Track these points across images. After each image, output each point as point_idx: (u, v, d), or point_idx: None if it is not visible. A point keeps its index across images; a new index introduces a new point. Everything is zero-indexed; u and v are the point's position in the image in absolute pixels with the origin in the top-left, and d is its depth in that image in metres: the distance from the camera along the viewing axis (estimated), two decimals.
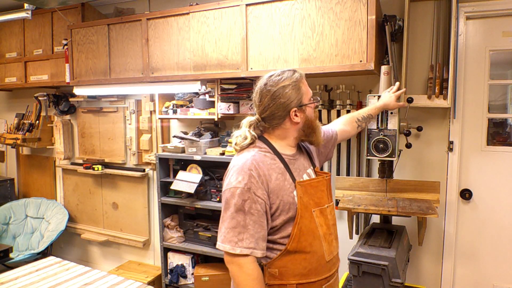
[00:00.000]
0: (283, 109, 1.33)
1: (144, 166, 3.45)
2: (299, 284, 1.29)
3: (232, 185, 1.25)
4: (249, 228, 1.22)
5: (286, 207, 1.28)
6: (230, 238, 1.22)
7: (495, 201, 2.36)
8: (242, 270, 1.22)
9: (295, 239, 1.27)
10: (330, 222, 1.38)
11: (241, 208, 1.23)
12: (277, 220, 1.29)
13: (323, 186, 1.40)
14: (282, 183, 1.29)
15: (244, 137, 1.38)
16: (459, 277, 2.48)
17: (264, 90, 1.36)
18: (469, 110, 2.38)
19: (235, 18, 2.42)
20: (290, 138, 1.39)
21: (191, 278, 3.00)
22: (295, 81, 1.34)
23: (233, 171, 1.29)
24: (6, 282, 2.05)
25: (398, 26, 2.29)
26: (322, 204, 1.36)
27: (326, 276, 1.34)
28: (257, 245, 1.23)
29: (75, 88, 3.16)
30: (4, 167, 4.49)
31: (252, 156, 1.29)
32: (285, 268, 1.28)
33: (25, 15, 2.94)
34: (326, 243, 1.33)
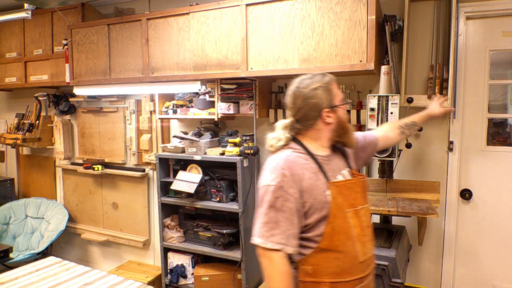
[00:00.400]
0: (315, 110, 1.38)
1: (144, 166, 3.45)
2: (333, 283, 1.32)
3: (266, 183, 1.32)
4: (281, 224, 1.27)
5: (319, 206, 1.32)
6: (263, 233, 1.29)
7: (495, 201, 2.36)
8: (271, 264, 1.28)
9: (327, 238, 1.31)
10: (364, 224, 1.40)
11: (274, 205, 1.28)
12: (310, 218, 1.32)
13: (358, 188, 1.43)
14: (315, 182, 1.33)
15: (278, 139, 1.43)
16: (459, 277, 2.48)
17: (297, 92, 1.40)
18: (469, 110, 2.38)
19: (235, 18, 2.42)
20: (323, 139, 1.43)
21: (191, 278, 3.00)
22: (326, 83, 1.40)
23: (268, 170, 1.35)
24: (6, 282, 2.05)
25: (398, 26, 2.29)
26: (357, 206, 1.39)
27: (359, 277, 1.37)
28: (288, 241, 1.28)
29: (75, 88, 3.16)
30: (4, 167, 4.49)
31: (286, 156, 1.35)
32: (318, 266, 1.32)
33: (25, 15, 2.94)
34: (359, 244, 1.36)
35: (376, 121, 2.13)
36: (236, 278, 2.83)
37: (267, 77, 2.56)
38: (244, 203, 2.69)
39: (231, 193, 2.84)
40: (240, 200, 2.69)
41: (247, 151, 2.64)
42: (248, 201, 2.74)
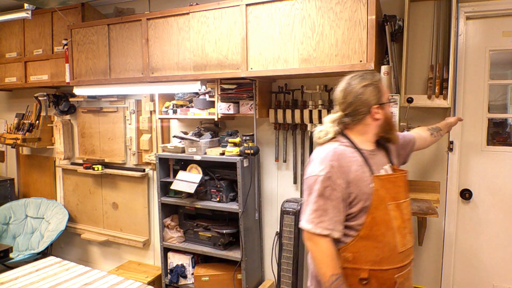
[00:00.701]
0: (365, 105, 1.47)
1: (144, 166, 3.45)
2: (372, 270, 1.40)
3: (315, 173, 1.42)
4: (329, 212, 1.38)
5: (364, 197, 1.41)
6: (312, 219, 1.39)
7: (495, 201, 2.36)
8: (318, 247, 1.38)
9: (367, 227, 1.40)
10: (405, 217, 1.48)
11: (322, 193, 1.38)
12: (354, 208, 1.42)
13: (400, 182, 1.51)
14: (361, 174, 1.42)
15: (326, 132, 1.52)
16: (459, 277, 2.48)
17: (348, 89, 1.50)
18: (469, 110, 2.38)
19: (235, 18, 2.42)
20: (369, 134, 1.52)
21: (191, 278, 3.00)
22: (376, 81, 1.50)
23: (316, 161, 1.44)
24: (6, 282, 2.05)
25: (398, 26, 2.29)
26: (399, 199, 1.47)
27: (398, 266, 1.43)
28: (335, 227, 1.39)
29: (75, 88, 3.15)
30: (4, 167, 4.49)
31: (334, 148, 1.44)
32: (358, 253, 1.41)
33: (25, 15, 2.94)
34: (399, 235, 1.43)
35: None
36: (236, 278, 2.83)
37: (267, 77, 2.56)
38: (244, 203, 2.69)
39: (231, 193, 2.84)
40: (240, 200, 2.69)
41: (247, 151, 2.64)
42: (248, 201, 2.74)
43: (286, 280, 2.64)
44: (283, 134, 2.83)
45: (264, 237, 3.04)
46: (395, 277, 1.42)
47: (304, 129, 2.74)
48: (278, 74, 2.35)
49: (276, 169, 2.95)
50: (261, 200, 2.99)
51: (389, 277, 1.42)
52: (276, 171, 2.95)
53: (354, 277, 1.41)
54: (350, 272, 1.41)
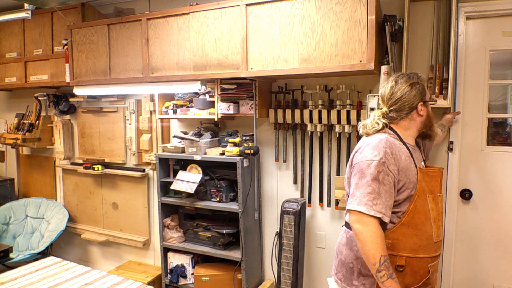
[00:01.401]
0: (412, 102, 1.58)
1: (144, 166, 3.45)
2: (409, 258, 1.47)
3: (369, 158, 1.48)
4: (382, 196, 1.44)
5: (411, 185, 1.50)
6: (366, 201, 1.43)
7: (495, 201, 2.36)
8: (368, 228, 1.41)
9: (410, 214, 1.48)
10: (440, 210, 1.58)
11: (376, 178, 1.44)
12: (401, 195, 1.50)
13: (438, 177, 1.62)
14: (409, 164, 1.52)
15: (376, 123, 1.61)
16: (459, 277, 2.48)
17: (397, 86, 1.60)
18: (469, 110, 2.38)
19: (235, 18, 2.42)
20: (413, 129, 1.63)
21: (191, 278, 3.00)
22: (422, 81, 1.62)
23: (369, 147, 1.51)
24: (6, 282, 2.05)
25: (398, 26, 2.29)
26: (435, 193, 1.57)
27: (432, 255, 1.52)
28: (386, 212, 1.44)
29: (75, 88, 3.15)
30: (4, 167, 4.49)
31: (386, 137, 1.53)
32: (397, 240, 1.48)
33: (25, 15, 2.94)
34: (435, 226, 1.52)
35: None
36: (236, 278, 2.83)
37: (267, 77, 2.56)
38: (244, 203, 2.69)
39: (231, 193, 2.84)
40: (240, 200, 2.69)
41: (247, 151, 2.64)
42: (248, 201, 2.74)
43: (286, 280, 2.64)
44: (283, 134, 2.83)
45: (264, 237, 3.04)
46: (429, 266, 1.49)
47: (304, 129, 2.74)
48: (278, 74, 2.35)
49: (276, 169, 2.95)
50: (261, 200, 2.99)
51: (423, 265, 1.48)
52: (276, 171, 2.95)
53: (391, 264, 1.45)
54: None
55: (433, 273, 1.52)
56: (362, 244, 1.42)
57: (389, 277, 1.38)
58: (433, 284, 1.55)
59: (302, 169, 2.81)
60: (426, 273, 1.49)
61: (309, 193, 2.80)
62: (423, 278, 1.48)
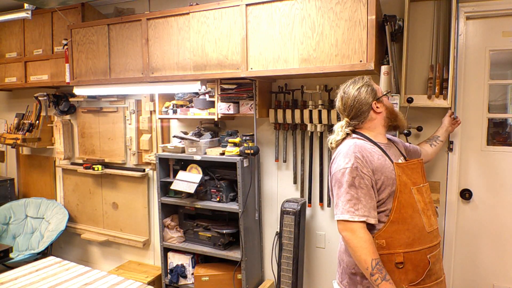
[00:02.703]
0: (365, 104, 1.64)
1: (144, 166, 3.45)
2: (406, 253, 1.49)
3: (342, 167, 1.53)
4: (362, 199, 1.47)
5: (390, 182, 1.52)
6: (348, 209, 1.47)
7: (495, 201, 2.36)
8: (355, 234, 1.45)
9: (396, 211, 1.50)
10: (426, 200, 1.59)
11: (352, 183, 1.48)
12: (383, 194, 1.53)
13: (418, 168, 1.65)
14: (384, 162, 1.55)
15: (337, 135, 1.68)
16: (459, 277, 2.48)
17: (345, 96, 1.68)
18: (469, 110, 2.38)
19: (235, 18, 2.42)
20: (379, 127, 1.67)
21: (191, 278, 3.00)
22: (366, 82, 1.68)
23: (340, 156, 1.56)
24: (6, 282, 2.05)
25: (398, 26, 2.29)
26: (419, 184, 1.60)
27: (429, 246, 1.53)
28: (370, 213, 1.48)
29: (75, 88, 3.16)
30: (4, 167, 4.49)
31: (355, 143, 1.57)
32: (391, 238, 1.50)
33: (25, 15, 2.94)
34: (425, 216, 1.55)
35: None
36: (236, 278, 2.83)
37: (267, 77, 2.56)
38: (244, 203, 2.69)
39: (231, 193, 2.84)
40: (240, 200, 2.69)
41: (247, 151, 2.64)
42: (248, 201, 2.74)
43: (286, 280, 2.64)
44: (283, 134, 2.83)
45: (264, 237, 3.04)
46: (428, 257, 1.51)
47: (304, 129, 2.74)
48: (278, 74, 2.35)
49: (276, 169, 2.95)
50: (261, 200, 2.99)
51: (422, 257, 1.50)
52: (276, 171, 2.95)
53: (390, 263, 1.48)
54: (385, 258, 1.47)
55: (434, 264, 1.53)
56: (353, 251, 1.46)
57: (383, 279, 1.40)
58: (439, 273, 1.55)
59: (302, 169, 2.81)
60: (427, 264, 1.50)
61: (309, 193, 2.80)
62: (425, 270, 1.50)
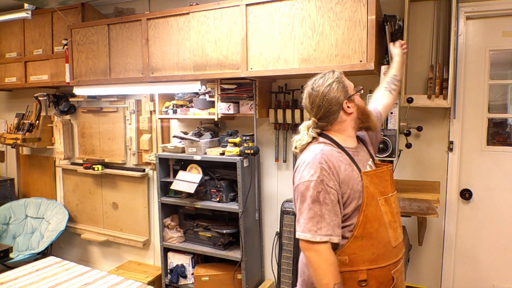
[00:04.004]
0: (335, 103, 1.44)
1: (144, 166, 3.45)
2: (369, 270, 1.36)
3: (306, 179, 1.35)
4: (326, 217, 1.32)
5: (356, 195, 1.38)
6: (310, 227, 1.32)
7: (495, 201, 2.36)
8: (320, 256, 1.31)
9: (361, 226, 1.36)
10: (394, 210, 1.46)
11: (317, 199, 1.33)
12: (348, 208, 1.38)
13: (387, 176, 1.49)
14: (351, 173, 1.39)
15: (302, 138, 1.49)
16: (459, 277, 2.48)
17: (313, 93, 1.48)
18: (469, 110, 2.38)
19: (235, 18, 2.42)
20: (349, 130, 1.49)
21: (191, 278, 3.00)
22: (337, 78, 1.48)
23: (304, 166, 1.38)
24: (6, 282, 2.05)
25: (398, 26, 2.28)
26: (387, 193, 1.45)
27: (394, 261, 1.42)
28: (334, 232, 1.33)
29: (75, 88, 3.15)
30: (4, 167, 4.49)
31: (321, 151, 1.40)
32: (354, 255, 1.37)
33: (25, 15, 2.94)
34: (391, 229, 1.41)
35: None
36: (236, 278, 2.83)
37: (267, 77, 2.56)
38: (244, 203, 2.69)
39: (231, 193, 2.84)
40: (240, 200, 2.69)
41: (247, 151, 2.64)
42: (248, 201, 2.74)
43: (286, 280, 2.64)
44: (283, 134, 2.83)
45: (264, 237, 3.04)
46: (392, 273, 1.40)
47: None
48: (278, 74, 2.35)
49: (276, 169, 2.95)
50: (261, 200, 2.99)
51: (387, 274, 1.39)
52: (276, 171, 2.95)
53: (353, 280, 1.37)
54: (348, 276, 1.36)
55: (397, 278, 1.43)
56: (316, 273, 1.33)
57: None
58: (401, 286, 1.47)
59: None
60: (391, 281, 1.40)
61: None
62: (389, 286, 1.40)
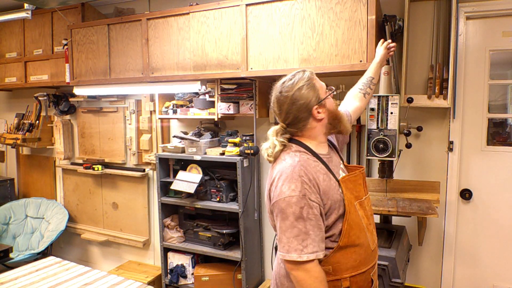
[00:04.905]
0: (305, 110, 1.33)
1: (144, 166, 3.45)
2: (352, 277, 1.33)
3: (287, 195, 1.25)
4: (311, 233, 1.23)
5: (337, 205, 1.31)
6: (295, 246, 1.23)
7: (495, 201, 2.36)
8: (310, 274, 1.23)
9: (346, 235, 1.30)
10: (368, 213, 1.42)
11: (300, 216, 1.23)
12: (329, 219, 1.31)
13: (360, 180, 1.44)
14: (329, 183, 1.31)
15: (273, 146, 1.37)
16: (459, 277, 2.48)
17: (282, 97, 1.35)
18: (469, 110, 2.38)
19: (235, 18, 2.42)
20: (320, 135, 1.40)
21: (191, 278, 3.00)
22: (308, 80, 1.36)
23: (283, 180, 1.27)
24: (6, 282, 2.05)
25: (398, 26, 2.29)
26: (361, 197, 1.40)
27: (372, 265, 1.40)
28: (319, 247, 1.25)
29: (75, 88, 3.15)
30: (4, 167, 4.49)
31: (299, 162, 1.29)
32: (338, 263, 1.31)
33: (25, 15, 2.93)
34: (369, 233, 1.38)
35: (376, 121, 2.13)
36: (236, 278, 2.83)
37: (267, 77, 2.56)
38: (244, 203, 2.69)
39: (231, 193, 2.84)
40: (240, 200, 2.69)
41: (247, 151, 2.64)
42: (248, 201, 2.74)
43: None
44: None
45: (264, 237, 3.04)
46: (371, 275, 1.39)
47: None
48: (278, 74, 2.34)
49: None
50: (261, 200, 2.99)
51: (367, 277, 1.37)
52: None
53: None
54: (331, 285, 1.30)
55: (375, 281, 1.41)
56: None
57: None
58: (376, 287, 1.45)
59: None
60: (370, 283, 1.38)
61: None
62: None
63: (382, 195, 2.35)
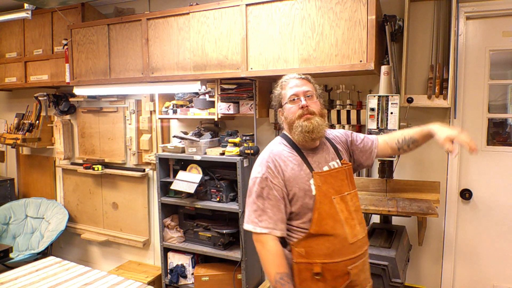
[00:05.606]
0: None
1: (144, 166, 3.45)
2: (324, 264, 1.42)
3: (253, 176, 1.47)
4: (268, 211, 1.42)
5: (302, 193, 1.44)
6: (252, 219, 1.43)
7: (495, 201, 2.36)
8: (264, 246, 1.42)
9: (316, 223, 1.42)
10: (351, 208, 1.49)
11: (260, 194, 1.43)
12: (294, 206, 1.45)
13: (342, 176, 1.51)
14: (298, 172, 1.45)
15: None
16: (459, 277, 2.48)
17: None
18: (469, 110, 2.38)
19: (235, 18, 2.42)
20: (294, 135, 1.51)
21: (191, 278, 3.00)
22: (281, 82, 1.54)
23: (256, 164, 1.51)
24: (6, 282, 2.05)
25: (398, 26, 2.29)
26: (343, 192, 1.49)
27: (350, 257, 1.45)
28: (276, 226, 1.42)
29: (75, 88, 3.16)
30: (4, 167, 4.49)
31: (271, 151, 1.50)
32: (310, 248, 1.43)
33: (25, 15, 2.94)
34: (348, 226, 1.45)
35: (376, 121, 2.13)
36: (236, 278, 2.83)
37: (267, 77, 2.56)
38: (244, 203, 2.69)
39: (231, 193, 2.84)
40: (240, 200, 2.68)
41: (247, 151, 2.64)
42: None
43: None
44: None
45: None
46: (348, 268, 1.43)
47: None
48: (278, 74, 2.34)
49: None
50: None
51: (342, 269, 1.43)
52: None
53: (308, 272, 1.43)
54: (303, 267, 1.43)
55: (358, 274, 1.45)
56: (262, 262, 1.45)
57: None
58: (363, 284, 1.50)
59: None
60: (346, 276, 1.43)
61: None
62: (345, 281, 1.43)
63: (382, 195, 2.35)
